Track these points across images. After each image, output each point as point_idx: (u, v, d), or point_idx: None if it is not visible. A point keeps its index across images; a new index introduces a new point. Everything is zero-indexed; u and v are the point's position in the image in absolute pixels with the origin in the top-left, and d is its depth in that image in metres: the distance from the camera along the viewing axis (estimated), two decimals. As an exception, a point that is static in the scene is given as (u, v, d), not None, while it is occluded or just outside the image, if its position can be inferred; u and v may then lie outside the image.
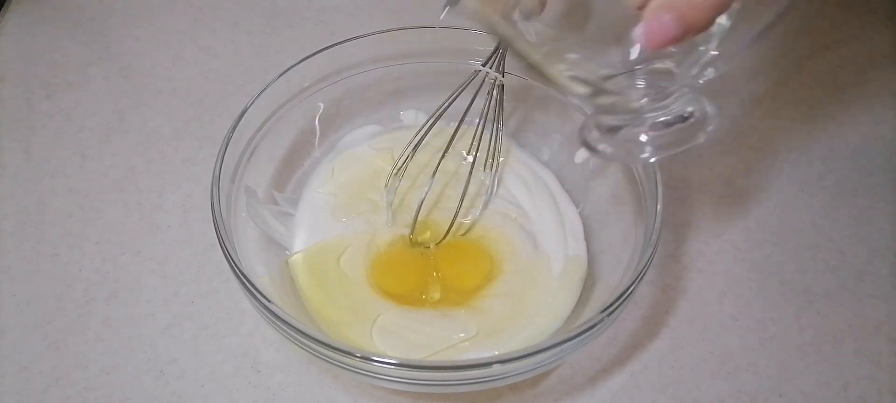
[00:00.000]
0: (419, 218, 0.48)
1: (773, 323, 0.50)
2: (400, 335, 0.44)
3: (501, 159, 0.51)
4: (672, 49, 0.31)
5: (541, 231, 0.50)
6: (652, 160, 0.38)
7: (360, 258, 0.48)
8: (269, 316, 0.38)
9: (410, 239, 0.49)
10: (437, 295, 0.47)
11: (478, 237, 0.50)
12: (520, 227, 0.50)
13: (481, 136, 0.49)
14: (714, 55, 0.32)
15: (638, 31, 0.31)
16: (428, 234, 0.50)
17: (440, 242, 0.49)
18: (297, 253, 0.48)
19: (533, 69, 0.32)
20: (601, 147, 0.34)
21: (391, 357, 0.37)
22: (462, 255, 0.49)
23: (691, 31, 0.30)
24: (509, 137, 0.55)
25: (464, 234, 0.50)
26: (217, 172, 0.43)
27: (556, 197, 0.52)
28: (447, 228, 0.48)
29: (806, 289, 0.52)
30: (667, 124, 0.33)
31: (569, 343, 0.38)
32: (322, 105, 0.54)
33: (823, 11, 0.72)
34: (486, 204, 0.51)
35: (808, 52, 0.69)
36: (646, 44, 0.31)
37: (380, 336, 0.44)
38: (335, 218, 0.50)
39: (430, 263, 0.48)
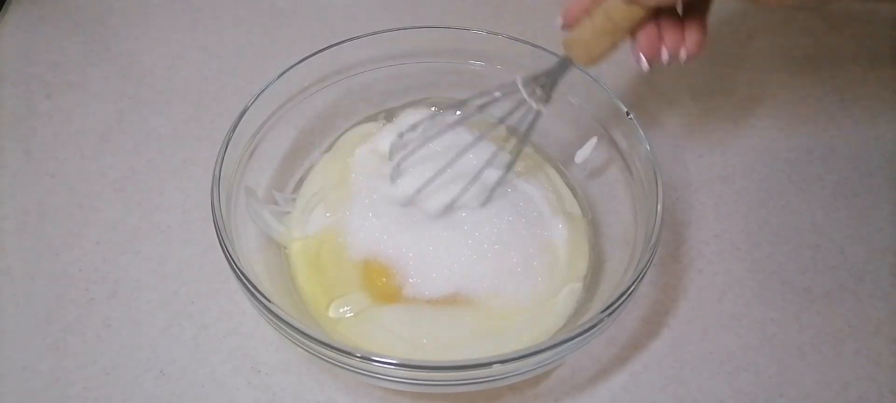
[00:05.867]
0: None
1: (773, 323, 0.50)
2: (395, 331, 0.44)
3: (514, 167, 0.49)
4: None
5: (542, 229, 0.49)
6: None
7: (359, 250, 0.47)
8: (269, 315, 0.38)
9: None
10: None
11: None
12: (521, 224, 0.50)
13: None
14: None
15: None
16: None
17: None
18: (296, 240, 0.48)
19: None
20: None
21: (391, 357, 0.37)
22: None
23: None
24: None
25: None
26: (217, 172, 0.43)
27: (560, 194, 0.52)
28: None
29: (806, 289, 0.52)
30: None
31: (569, 343, 0.38)
32: (322, 105, 0.54)
33: (823, 12, 0.73)
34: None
35: (808, 52, 0.69)
36: None
37: (378, 332, 0.44)
38: (332, 213, 0.50)
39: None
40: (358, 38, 0.52)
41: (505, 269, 0.47)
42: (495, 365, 0.37)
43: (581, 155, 0.53)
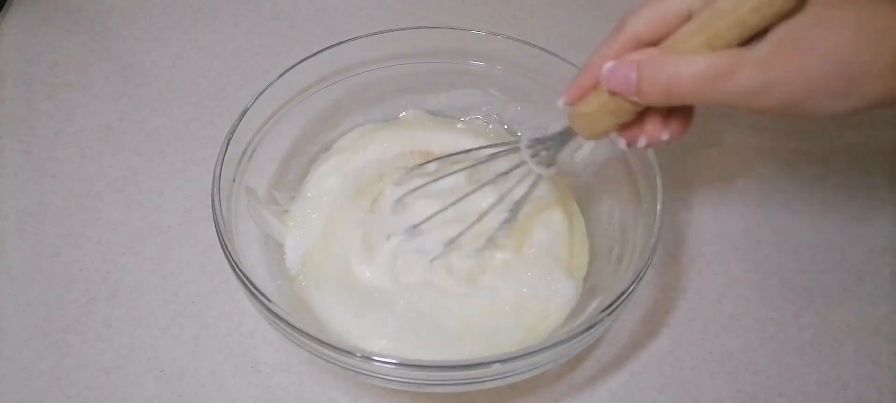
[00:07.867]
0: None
1: (773, 323, 0.50)
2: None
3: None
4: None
5: (542, 228, 0.49)
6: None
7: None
8: (269, 315, 0.38)
9: None
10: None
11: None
12: (522, 223, 0.50)
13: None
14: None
15: (607, 67, 0.35)
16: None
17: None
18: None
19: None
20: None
21: (391, 357, 0.37)
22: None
23: (639, 97, 0.34)
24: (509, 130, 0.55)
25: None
26: (218, 172, 0.43)
27: (559, 195, 0.52)
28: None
29: (806, 289, 0.52)
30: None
31: (569, 343, 0.38)
32: (322, 105, 0.54)
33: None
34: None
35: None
36: (604, 79, 0.35)
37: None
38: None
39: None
40: (358, 38, 0.52)
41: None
42: (495, 365, 0.37)
43: (581, 155, 0.53)
